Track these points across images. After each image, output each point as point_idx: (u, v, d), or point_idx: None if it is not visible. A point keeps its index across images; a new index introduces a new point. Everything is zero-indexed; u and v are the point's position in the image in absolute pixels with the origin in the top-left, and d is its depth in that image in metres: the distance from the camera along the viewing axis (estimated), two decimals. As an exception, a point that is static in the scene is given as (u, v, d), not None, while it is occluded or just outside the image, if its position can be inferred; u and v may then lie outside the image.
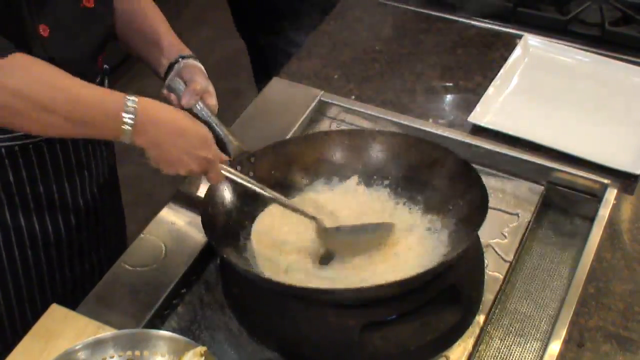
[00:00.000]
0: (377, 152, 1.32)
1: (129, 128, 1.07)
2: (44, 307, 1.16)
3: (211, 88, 1.25)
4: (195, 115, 1.23)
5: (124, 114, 1.06)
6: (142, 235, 1.29)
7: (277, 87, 1.60)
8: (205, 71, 1.28)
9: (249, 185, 1.19)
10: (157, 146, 1.10)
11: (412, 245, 1.21)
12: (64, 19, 1.16)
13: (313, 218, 1.21)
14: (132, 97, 1.07)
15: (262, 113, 1.54)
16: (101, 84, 1.33)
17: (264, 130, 1.48)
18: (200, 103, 1.23)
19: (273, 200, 1.22)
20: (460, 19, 1.78)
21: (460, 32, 1.75)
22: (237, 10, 2.27)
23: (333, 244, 1.21)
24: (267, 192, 1.20)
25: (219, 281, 1.24)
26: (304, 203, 1.27)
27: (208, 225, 1.17)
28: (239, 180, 1.19)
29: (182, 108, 1.24)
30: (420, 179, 1.28)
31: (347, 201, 1.30)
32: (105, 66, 1.34)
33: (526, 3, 1.77)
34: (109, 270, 1.24)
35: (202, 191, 1.28)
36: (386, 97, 1.57)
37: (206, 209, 1.20)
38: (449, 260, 1.10)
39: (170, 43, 1.31)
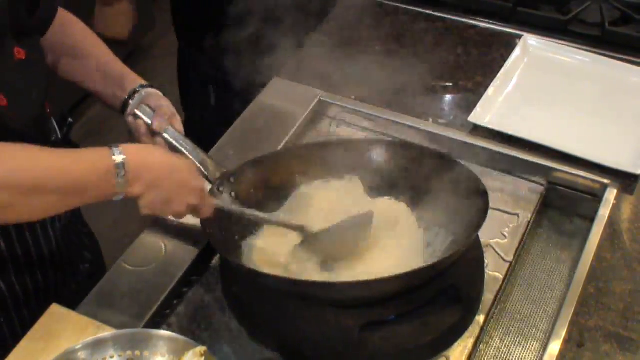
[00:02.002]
0: (356, 164, 1.31)
1: (123, 180, 1.03)
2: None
3: (175, 111, 1.26)
4: (167, 141, 1.24)
5: (115, 167, 1.02)
6: (142, 235, 1.28)
7: (277, 87, 1.60)
8: (167, 99, 1.28)
9: (239, 211, 1.20)
10: (154, 188, 1.07)
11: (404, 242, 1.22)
12: (11, 80, 1.11)
13: (300, 228, 1.21)
14: (117, 148, 1.03)
15: (262, 113, 1.54)
16: (64, 133, 1.30)
17: (264, 130, 1.48)
18: (171, 128, 1.24)
19: (262, 221, 1.22)
20: (460, 19, 1.78)
21: (460, 32, 1.75)
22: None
23: (321, 249, 1.20)
24: (254, 216, 1.21)
25: (219, 281, 1.24)
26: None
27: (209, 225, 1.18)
28: (228, 207, 1.19)
29: (152, 133, 1.24)
30: (406, 184, 1.28)
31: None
32: (70, 120, 1.31)
33: (526, 3, 1.77)
34: (109, 270, 1.24)
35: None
36: (386, 97, 1.57)
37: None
38: (450, 256, 1.09)
39: (123, 73, 1.30)
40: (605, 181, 1.37)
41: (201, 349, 1.03)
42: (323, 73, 1.64)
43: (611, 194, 1.35)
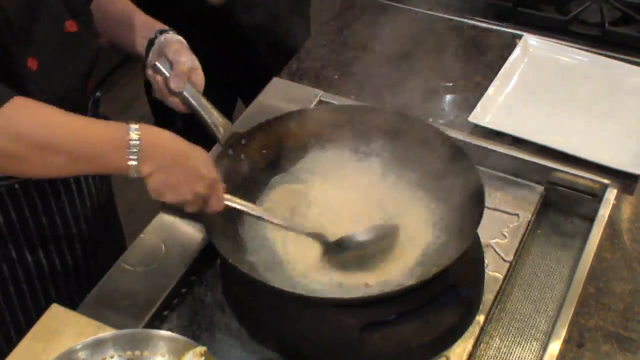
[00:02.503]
0: (367, 129, 1.31)
1: (135, 157, 1.03)
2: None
3: (197, 63, 1.24)
4: (184, 99, 1.22)
5: (129, 142, 1.02)
6: (142, 235, 1.29)
7: (277, 87, 1.60)
8: (186, 43, 1.26)
9: (251, 211, 1.18)
10: (164, 170, 1.06)
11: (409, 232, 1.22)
12: (50, 48, 1.13)
13: (318, 236, 1.20)
14: (134, 125, 1.04)
15: (263, 113, 1.53)
16: (94, 110, 1.31)
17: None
18: (188, 86, 1.22)
19: (276, 225, 1.20)
20: (460, 19, 1.78)
21: (460, 32, 1.75)
22: None
23: (341, 260, 1.19)
24: (268, 218, 1.20)
25: (219, 281, 1.24)
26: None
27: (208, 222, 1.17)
28: (239, 207, 1.17)
29: (170, 91, 1.22)
30: (412, 158, 1.28)
31: (339, 179, 1.30)
32: (98, 94, 1.32)
33: (526, 3, 1.77)
34: (109, 270, 1.24)
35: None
36: (386, 97, 1.57)
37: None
38: (449, 263, 1.09)
39: (144, 20, 1.29)
40: (605, 181, 1.37)
41: (201, 349, 1.03)
42: (323, 73, 1.64)
43: (611, 194, 1.35)
